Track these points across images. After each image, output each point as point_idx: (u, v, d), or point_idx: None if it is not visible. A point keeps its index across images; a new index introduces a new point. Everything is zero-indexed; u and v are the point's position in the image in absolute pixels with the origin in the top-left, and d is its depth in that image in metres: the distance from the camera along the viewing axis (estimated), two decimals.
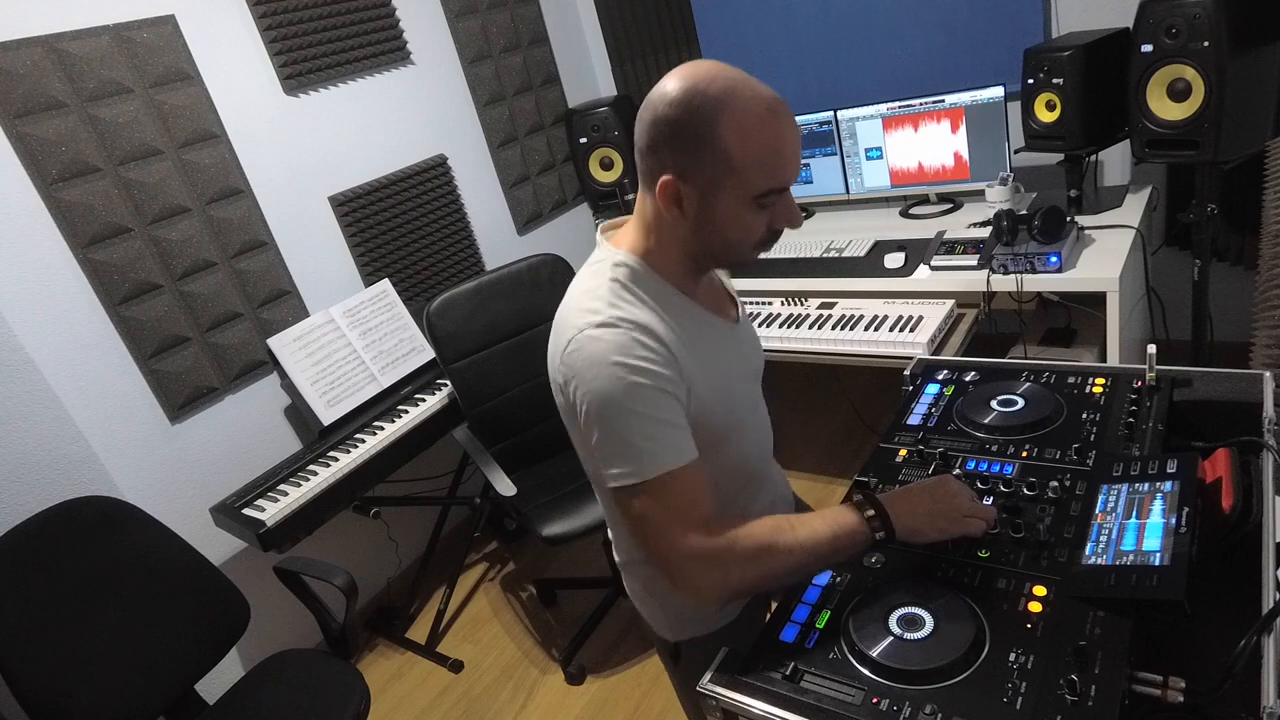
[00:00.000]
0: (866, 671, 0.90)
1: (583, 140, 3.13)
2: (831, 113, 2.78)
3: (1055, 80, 2.16)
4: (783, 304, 2.55)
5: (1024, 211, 2.19)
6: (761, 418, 1.24)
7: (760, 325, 2.47)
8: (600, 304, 1.00)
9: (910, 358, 1.60)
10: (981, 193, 2.58)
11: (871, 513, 1.01)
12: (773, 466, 1.32)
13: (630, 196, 1.03)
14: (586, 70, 3.53)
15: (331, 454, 2.29)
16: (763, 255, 1.08)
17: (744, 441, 1.17)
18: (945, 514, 1.02)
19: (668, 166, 0.96)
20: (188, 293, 2.26)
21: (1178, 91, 1.95)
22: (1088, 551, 0.97)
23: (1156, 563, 0.89)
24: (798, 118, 2.81)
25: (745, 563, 0.97)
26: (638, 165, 1.01)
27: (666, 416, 0.97)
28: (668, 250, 1.05)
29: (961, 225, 2.49)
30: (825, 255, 2.61)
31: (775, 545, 0.97)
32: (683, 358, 1.01)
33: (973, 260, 2.23)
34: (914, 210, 2.79)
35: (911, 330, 2.19)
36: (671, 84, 0.95)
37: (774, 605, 1.05)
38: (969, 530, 1.02)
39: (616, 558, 1.28)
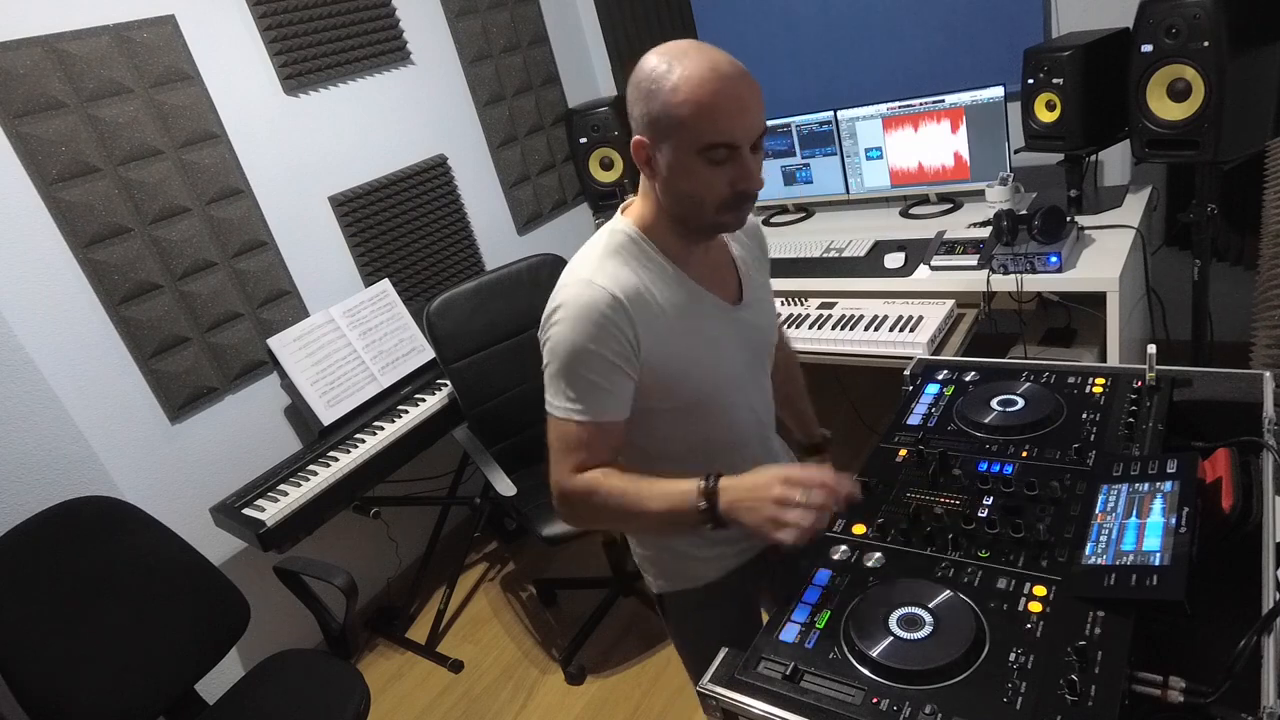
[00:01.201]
0: (866, 671, 0.90)
1: (583, 140, 3.13)
2: (831, 113, 2.78)
3: (1055, 80, 2.16)
4: (783, 304, 2.55)
5: (1024, 211, 2.19)
6: (758, 394, 1.29)
7: None
8: (591, 264, 1.13)
9: (910, 358, 1.60)
10: (981, 193, 2.58)
11: (704, 483, 1.03)
12: (772, 441, 1.37)
13: (631, 196, 1.12)
14: (586, 70, 3.53)
15: (331, 454, 2.29)
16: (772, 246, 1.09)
17: (732, 411, 1.24)
18: (752, 507, 0.99)
19: (638, 128, 1.07)
20: (188, 293, 2.26)
21: (1178, 91, 1.95)
22: (1088, 551, 0.97)
23: (1156, 563, 0.89)
24: (797, 118, 2.86)
25: (586, 500, 1.11)
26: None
27: (599, 379, 1.09)
28: (658, 217, 1.14)
29: (961, 225, 2.49)
30: (825, 255, 2.61)
31: (622, 501, 1.08)
32: (655, 326, 1.11)
33: (973, 260, 2.23)
34: (914, 210, 2.79)
35: (911, 330, 2.19)
36: (638, 64, 1.06)
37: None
38: (768, 535, 0.96)
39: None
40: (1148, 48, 1.95)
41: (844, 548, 1.10)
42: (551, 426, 1.14)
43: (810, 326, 2.38)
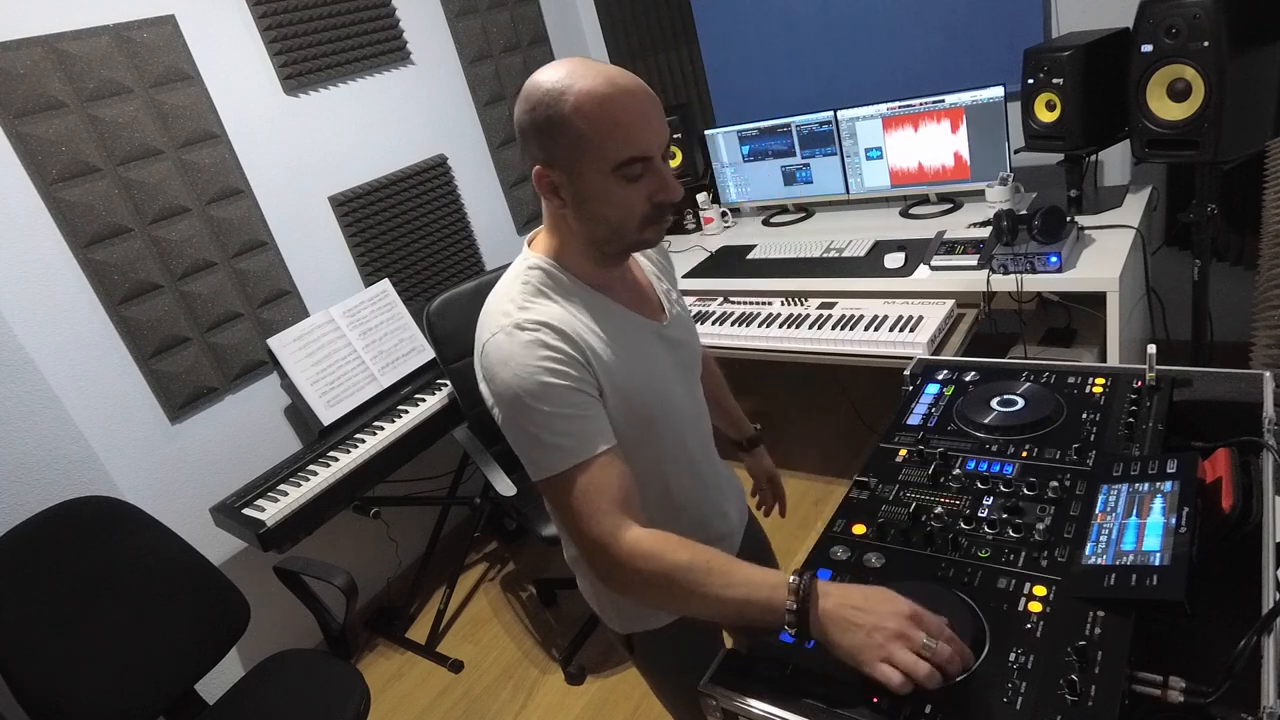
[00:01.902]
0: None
1: None
2: (831, 113, 2.78)
3: (1055, 80, 2.16)
4: (783, 304, 2.55)
5: (1024, 211, 2.19)
6: (697, 407, 1.25)
7: (760, 325, 2.47)
8: (511, 306, 1.03)
9: (910, 358, 1.60)
10: (981, 193, 2.58)
11: (797, 579, 0.89)
12: (714, 452, 1.32)
13: (536, 229, 1.10)
14: None
15: (331, 454, 2.29)
16: (762, 256, 1.08)
17: (676, 430, 1.18)
18: (862, 628, 0.84)
19: (536, 159, 1.01)
20: (188, 293, 2.26)
21: (1178, 91, 1.95)
22: (1088, 551, 0.97)
23: (1156, 563, 0.89)
24: (798, 118, 2.86)
25: (653, 582, 0.95)
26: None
27: (572, 410, 0.99)
28: (571, 246, 1.07)
29: (961, 225, 2.49)
30: (825, 255, 2.61)
31: (688, 579, 0.93)
32: (597, 352, 1.04)
33: (973, 260, 2.23)
34: (914, 210, 2.79)
35: (911, 330, 2.19)
36: (524, 90, 1.01)
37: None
38: (869, 667, 0.83)
39: (565, 554, 1.27)
40: (1148, 48, 1.95)
41: (844, 548, 1.10)
42: (552, 495, 1.01)
43: (810, 326, 2.38)
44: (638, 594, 1.00)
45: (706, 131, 3.12)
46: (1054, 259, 2.06)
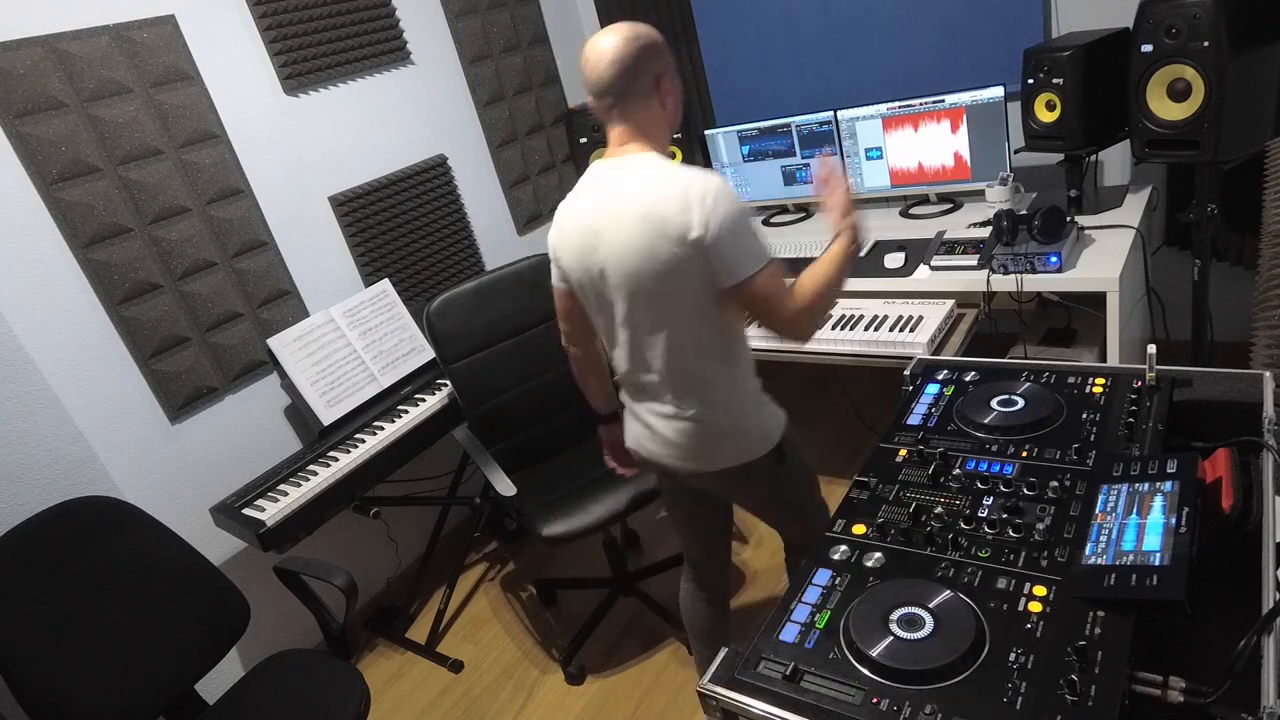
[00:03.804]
0: (866, 671, 0.90)
1: (583, 140, 3.13)
2: (831, 113, 2.78)
3: (1055, 80, 2.16)
4: None
5: (1024, 211, 2.19)
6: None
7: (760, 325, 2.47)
8: (689, 169, 1.39)
9: (910, 358, 1.60)
10: (981, 193, 2.58)
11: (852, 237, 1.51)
12: None
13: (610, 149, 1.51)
14: None
15: (331, 454, 2.29)
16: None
17: None
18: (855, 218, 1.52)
19: (656, 73, 1.42)
20: (188, 293, 2.26)
21: (1178, 91, 1.95)
22: (1088, 551, 0.97)
23: (1156, 563, 0.89)
24: (798, 118, 2.87)
25: (811, 306, 1.46)
26: (617, 101, 1.42)
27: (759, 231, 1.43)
28: (663, 147, 1.48)
29: (961, 225, 2.49)
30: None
31: (815, 282, 1.46)
32: None
33: (973, 260, 2.23)
34: (914, 210, 2.79)
35: (911, 330, 2.19)
36: (610, 38, 1.39)
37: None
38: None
39: (690, 412, 1.55)
40: (1148, 48, 1.95)
41: (844, 548, 1.11)
42: (761, 282, 1.40)
43: None
44: (818, 314, 1.49)
45: (706, 131, 3.12)
46: (1054, 259, 2.06)
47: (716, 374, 1.52)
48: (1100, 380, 1.32)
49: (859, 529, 1.13)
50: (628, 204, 1.40)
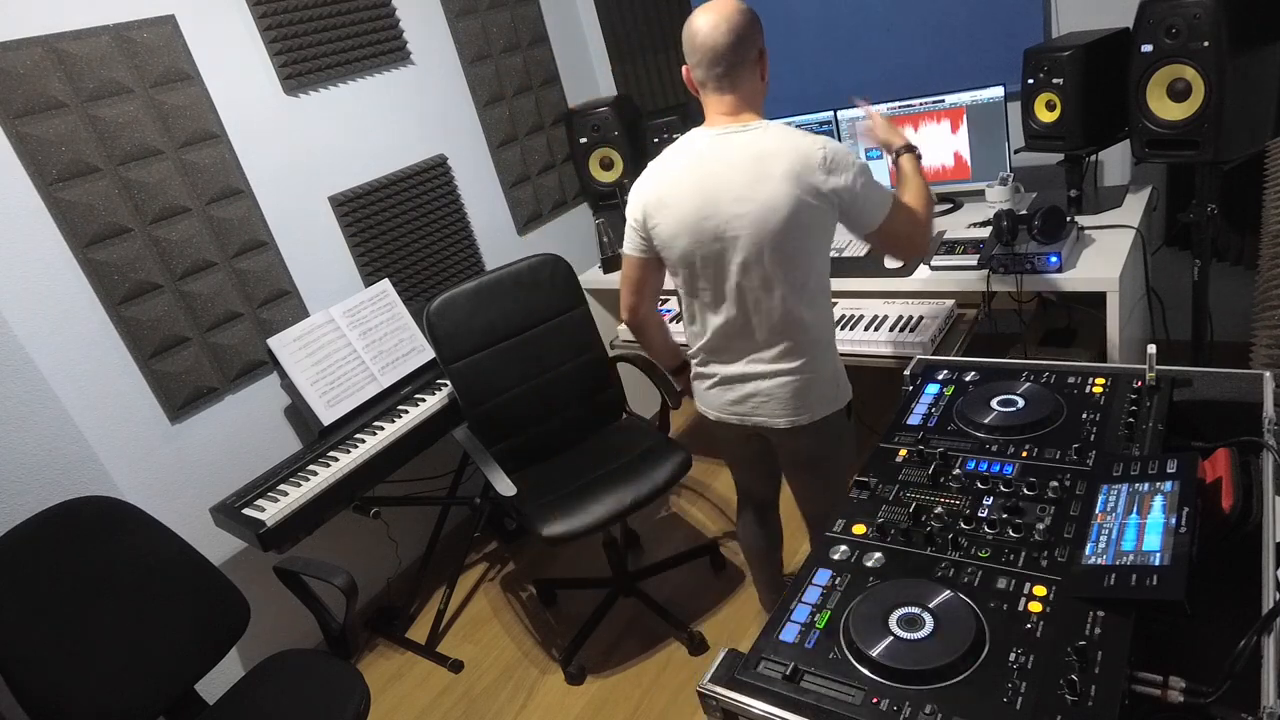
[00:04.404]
0: (866, 671, 0.90)
1: (583, 140, 3.13)
2: (831, 113, 2.78)
3: (1055, 80, 2.16)
4: None
5: (1024, 211, 2.19)
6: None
7: None
8: (810, 134, 1.54)
9: (910, 358, 1.60)
10: (981, 193, 2.58)
11: (908, 148, 1.72)
12: None
13: (735, 117, 1.63)
14: (586, 70, 3.53)
15: (331, 454, 2.29)
16: None
17: None
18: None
19: (760, 48, 1.56)
20: (188, 293, 2.26)
21: (1178, 91, 1.95)
22: (1088, 551, 0.97)
23: (1156, 563, 0.89)
24: (798, 118, 2.86)
25: (927, 216, 1.67)
26: (729, 70, 1.52)
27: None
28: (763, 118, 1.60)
29: (961, 225, 2.49)
30: None
31: (923, 202, 1.66)
32: None
33: (973, 260, 2.23)
34: None
35: (911, 330, 2.19)
36: (722, 7, 1.50)
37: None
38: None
39: (791, 364, 1.68)
40: (1148, 48, 1.95)
41: (844, 548, 1.11)
42: (898, 218, 1.59)
43: None
44: (932, 229, 1.73)
45: None
46: (1054, 259, 2.06)
47: (819, 323, 1.68)
48: (1100, 380, 1.32)
49: (859, 529, 1.13)
50: (761, 164, 1.51)
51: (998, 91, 2.45)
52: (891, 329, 2.22)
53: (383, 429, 2.36)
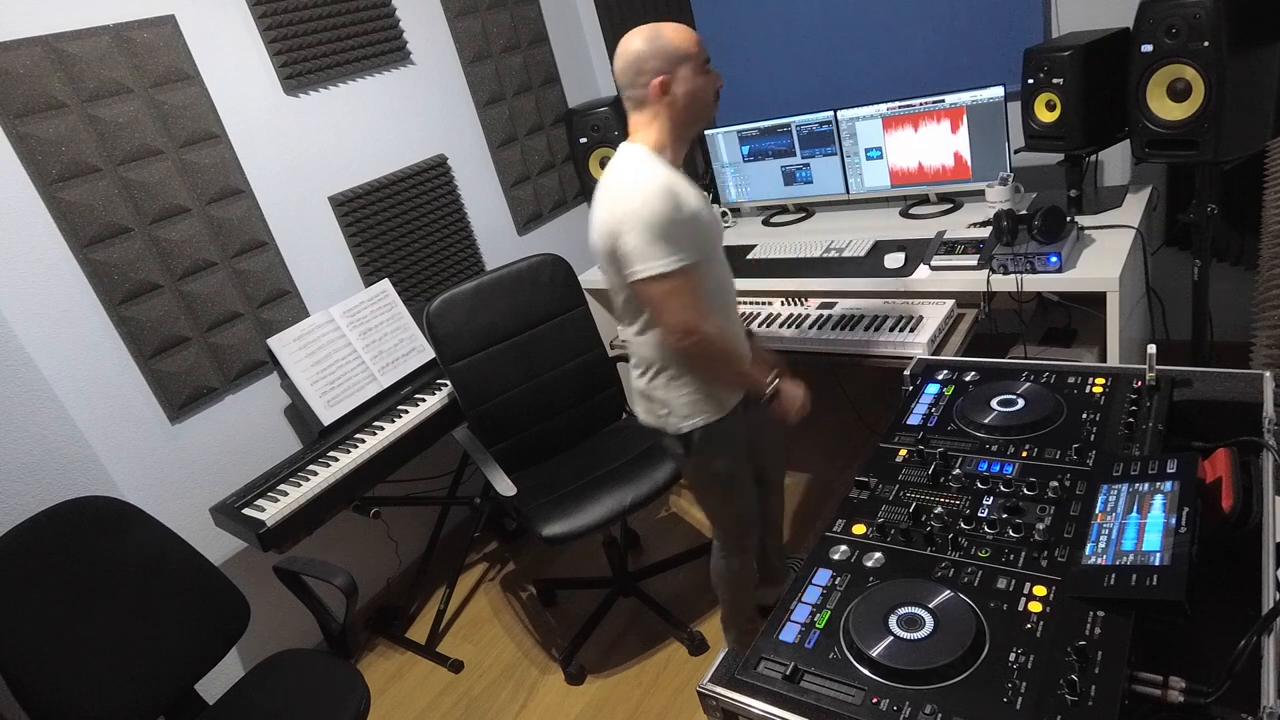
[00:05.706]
0: (866, 671, 0.90)
1: (583, 140, 3.13)
2: (831, 113, 2.78)
3: (1055, 80, 2.16)
4: (783, 304, 2.55)
5: (1024, 211, 2.19)
6: (730, 281, 1.80)
7: (760, 325, 2.47)
8: (650, 167, 1.57)
9: (910, 358, 1.61)
10: (981, 193, 2.58)
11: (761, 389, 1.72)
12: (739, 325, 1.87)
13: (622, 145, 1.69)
14: (586, 70, 3.53)
15: (331, 454, 2.29)
16: (762, 256, 1.21)
17: (731, 296, 1.81)
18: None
19: (657, 72, 1.54)
20: (188, 293, 2.26)
21: (1178, 91, 1.95)
22: (1088, 551, 0.97)
23: (1156, 563, 0.89)
24: (797, 118, 2.87)
25: (701, 358, 1.65)
26: (627, 96, 1.60)
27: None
28: (667, 142, 1.61)
29: (961, 225, 2.49)
30: (825, 255, 2.61)
31: (714, 362, 1.66)
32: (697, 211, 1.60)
33: (973, 260, 2.23)
34: (914, 210, 2.79)
35: (911, 330, 2.19)
36: (634, 41, 1.56)
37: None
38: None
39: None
40: (1148, 48, 1.95)
41: (844, 548, 1.11)
42: (645, 287, 1.56)
43: (810, 326, 2.38)
44: (697, 361, 1.68)
45: (706, 131, 3.12)
46: (1054, 259, 2.06)
47: (640, 343, 1.73)
48: (1100, 380, 1.32)
49: (859, 529, 1.13)
50: (600, 191, 1.63)
51: (998, 91, 2.45)
52: (891, 329, 2.22)
53: (383, 429, 2.36)
